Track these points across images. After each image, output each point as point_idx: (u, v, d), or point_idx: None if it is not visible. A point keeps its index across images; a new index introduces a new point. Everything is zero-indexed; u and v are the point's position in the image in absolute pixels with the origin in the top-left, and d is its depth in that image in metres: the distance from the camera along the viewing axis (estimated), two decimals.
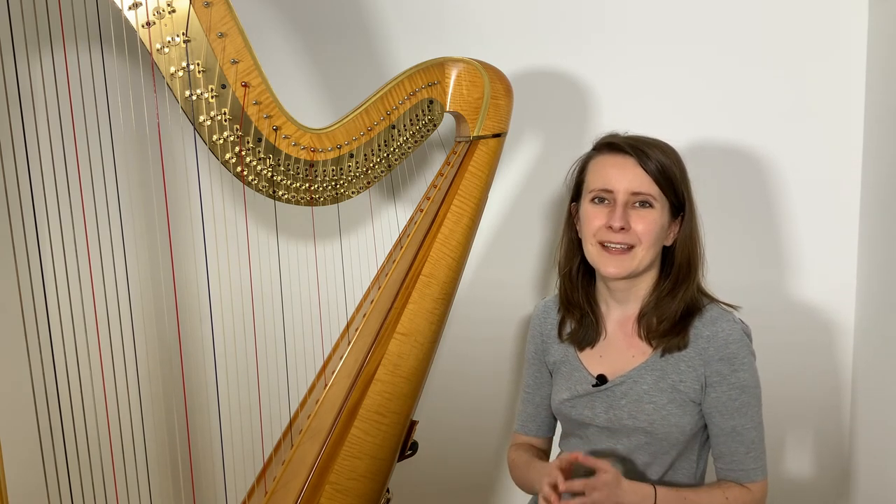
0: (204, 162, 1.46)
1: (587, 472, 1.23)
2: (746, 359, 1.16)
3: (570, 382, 1.26)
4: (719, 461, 1.18)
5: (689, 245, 1.19)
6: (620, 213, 1.15)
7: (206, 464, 1.76)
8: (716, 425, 1.16)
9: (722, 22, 1.53)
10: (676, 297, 1.18)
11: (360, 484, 1.21)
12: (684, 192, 1.19)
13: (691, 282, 1.19)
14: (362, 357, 1.25)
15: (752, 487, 1.16)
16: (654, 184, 1.16)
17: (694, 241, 1.20)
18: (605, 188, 1.17)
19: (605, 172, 1.18)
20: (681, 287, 1.19)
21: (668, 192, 1.17)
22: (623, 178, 1.16)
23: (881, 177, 1.43)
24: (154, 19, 1.04)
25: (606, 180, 1.17)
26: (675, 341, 1.17)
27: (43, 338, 1.11)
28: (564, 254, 1.29)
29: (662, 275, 1.22)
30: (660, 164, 1.15)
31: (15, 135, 1.17)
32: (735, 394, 1.15)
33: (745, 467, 1.16)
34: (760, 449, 1.17)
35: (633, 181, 1.16)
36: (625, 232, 1.15)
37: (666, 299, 1.19)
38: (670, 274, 1.20)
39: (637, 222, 1.15)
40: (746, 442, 1.15)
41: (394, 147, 1.31)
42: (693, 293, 1.19)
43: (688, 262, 1.19)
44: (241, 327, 1.57)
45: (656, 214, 1.16)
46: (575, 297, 1.27)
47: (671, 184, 1.17)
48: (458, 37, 1.64)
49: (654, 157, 1.15)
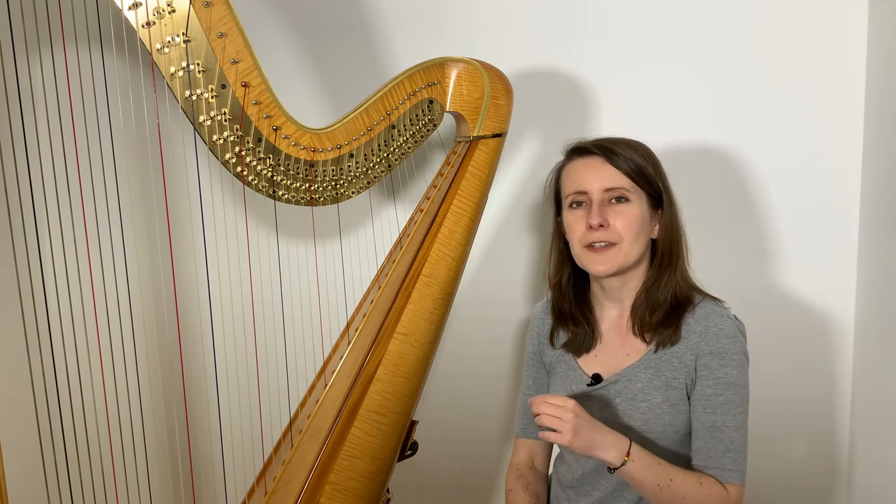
0: (204, 162, 1.46)
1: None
2: (737, 356, 1.15)
3: (565, 382, 1.27)
4: (696, 457, 1.15)
5: (670, 232, 1.21)
6: (597, 211, 1.17)
7: (206, 464, 1.76)
8: (697, 419, 1.15)
9: (722, 22, 1.53)
10: (661, 285, 1.20)
11: (360, 484, 1.21)
12: (660, 184, 1.21)
13: (675, 268, 1.21)
14: (362, 357, 1.24)
15: (729, 489, 1.13)
16: (626, 177, 1.18)
17: (675, 228, 1.22)
18: (578, 190, 1.21)
19: (577, 175, 1.21)
20: (665, 273, 1.20)
21: (643, 185, 1.19)
22: (594, 177, 1.19)
23: (881, 177, 1.43)
24: (154, 19, 1.04)
25: (579, 182, 1.21)
26: (667, 334, 1.18)
27: (43, 338, 1.11)
28: (554, 265, 1.31)
29: (652, 268, 1.23)
30: (628, 159, 1.18)
31: (15, 135, 1.17)
32: (720, 388, 1.14)
33: (721, 466, 1.13)
34: (740, 453, 1.14)
35: (604, 178, 1.18)
36: (604, 229, 1.17)
37: (653, 289, 1.20)
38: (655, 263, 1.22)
39: (615, 218, 1.18)
40: (725, 440, 1.13)
41: (394, 147, 1.31)
42: (679, 281, 1.21)
43: (670, 248, 1.21)
44: (241, 327, 1.57)
45: (634, 208, 1.18)
46: (566, 308, 1.29)
47: (644, 176, 1.19)
48: (458, 37, 1.64)
49: (621, 153, 1.18)
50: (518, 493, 1.31)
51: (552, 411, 1.09)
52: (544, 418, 1.10)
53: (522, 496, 1.30)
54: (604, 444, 1.09)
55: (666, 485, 1.10)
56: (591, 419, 1.11)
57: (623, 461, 1.09)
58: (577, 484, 1.25)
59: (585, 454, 1.10)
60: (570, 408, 1.08)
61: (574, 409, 1.09)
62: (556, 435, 1.09)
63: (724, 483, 1.13)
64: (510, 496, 1.32)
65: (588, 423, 1.09)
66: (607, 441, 1.09)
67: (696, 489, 1.11)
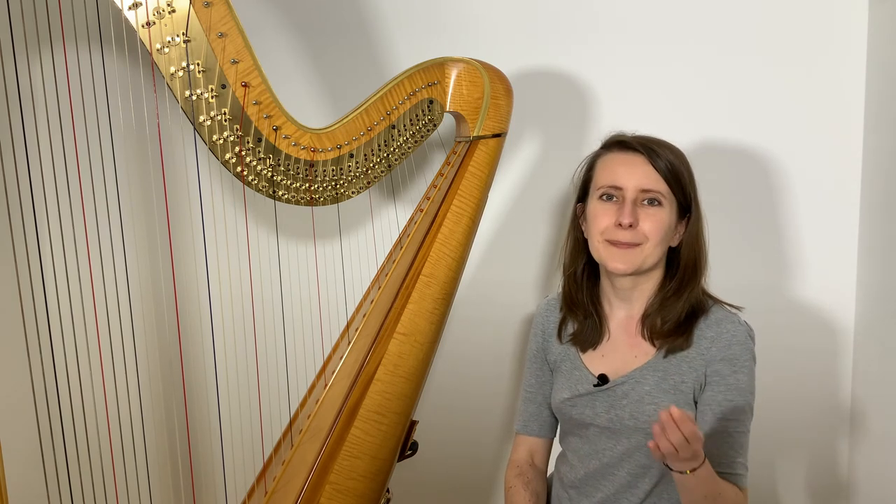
0: (204, 162, 1.46)
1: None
2: (748, 363, 1.15)
3: (570, 381, 1.26)
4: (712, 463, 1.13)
5: (695, 246, 1.20)
6: (629, 210, 1.15)
7: (206, 464, 1.76)
8: (707, 424, 1.15)
9: (722, 22, 1.53)
10: (682, 299, 1.18)
11: (360, 484, 1.21)
12: (691, 193, 1.19)
13: (696, 283, 1.19)
14: (362, 357, 1.24)
15: (742, 491, 1.14)
16: (664, 181, 1.16)
17: (700, 242, 1.20)
18: (613, 185, 1.18)
19: (615, 169, 1.18)
20: (686, 288, 1.19)
21: (677, 192, 1.17)
22: (633, 175, 1.16)
23: (881, 177, 1.43)
24: (154, 19, 1.04)
25: (615, 177, 1.18)
26: (678, 342, 1.17)
27: (43, 338, 1.11)
28: (570, 254, 1.29)
29: (667, 276, 1.22)
30: (669, 163, 1.16)
31: (15, 135, 1.17)
32: (731, 395, 1.14)
33: (735, 471, 1.13)
34: (746, 456, 1.15)
35: (643, 178, 1.16)
36: (633, 229, 1.15)
37: (671, 300, 1.19)
38: (675, 275, 1.20)
39: (645, 220, 1.16)
40: (736, 446, 1.14)
41: (394, 147, 1.31)
42: (698, 294, 1.19)
43: (694, 263, 1.19)
44: (241, 327, 1.57)
45: (664, 213, 1.16)
46: (579, 298, 1.27)
47: (679, 183, 1.17)
48: (458, 37, 1.64)
49: (663, 155, 1.16)
50: (518, 491, 1.30)
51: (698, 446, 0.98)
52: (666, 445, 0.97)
53: (522, 494, 1.30)
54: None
55: (713, 498, 1.07)
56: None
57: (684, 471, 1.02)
58: (580, 484, 1.24)
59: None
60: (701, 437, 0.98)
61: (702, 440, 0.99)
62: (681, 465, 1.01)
63: (739, 486, 1.13)
64: (510, 494, 1.31)
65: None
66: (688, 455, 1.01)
67: (734, 500, 1.10)
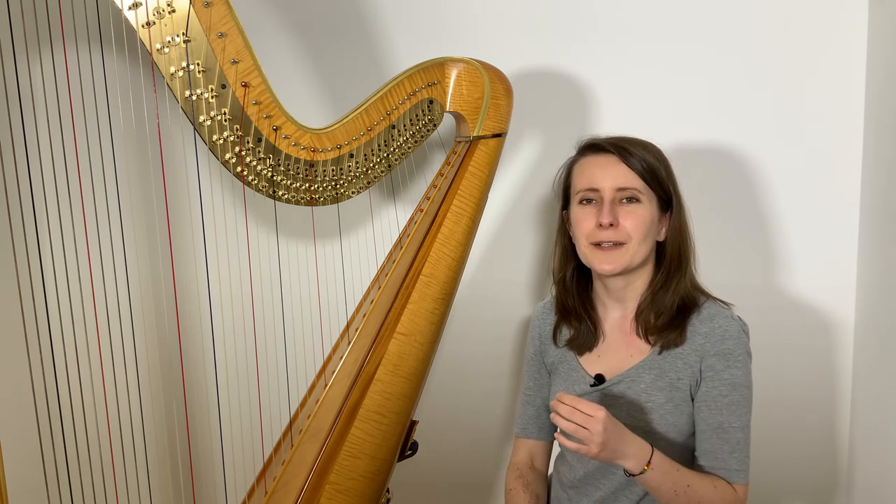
0: (204, 162, 1.46)
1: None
2: (742, 357, 1.16)
3: (568, 382, 1.26)
4: (703, 458, 1.16)
5: (679, 238, 1.21)
6: (608, 210, 1.17)
7: (206, 464, 1.76)
8: (702, 420, 1.16)
9: (722, 22, 1.53)
10: (670, 290, 1.19)
11: (360, 484, 1.21)
12: (670, 187, 1.21)
13: (683, 273, 1.21)
14: (362, 357, 1.24)
15: (737, 488, 1.14)
16: (639, 178, 1.18)
17: (683, 233, 1.22)
18: (590, 187, 1.20)
19: (590, 172, 1.21)
20: (673, 279, 1.20)
21: (655, 187, 1.19)
22: (607, 175, 1.19)
23: (881, 177, 1.43)
24: (154, 19, 1.04)
25: (591, 180, 1.20)
26: (672, 336, 1.18)
27: (43, 338, 1.11)
28: (558, 261, 1.31)
29: (657, 271, 1.23)
30: (643, 160, 1.18)
31: (15, 135, 1.17)
32: (726, 390, 1.14)
33: (729, 466, 1.14)
34: (745, 452, 1.15)
35: (618, 177, 1.18)
36: (614, 229, 1.17)
37: (660, 293, 1.20)
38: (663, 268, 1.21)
39: (625, 218, 1.17)
40: (731, 441, 1.14)
41: (394, 147, 1.31)
42: (686, 286, 1.20)
43: (678, 253, 1.21)
44: (241, 327, 1.57)
45: (644, 209, 1.18)
46: (570, 304, 1.29)
47: (656, 178, 1.19)
48: (458, 37, 1.64)
49: (636, 153, 1.18)
50: (518, 493, 1.31)
51: (581, 420, 1.04)
52: (570, 426, 1.05)
53: (522, 496, 1.30)
54: (626, 455, 1.07)
55: (683, 490, 1.09)
56: (619, 428, 1.07)
57: (643, 470, 1.07)
58: (579, 484, 1.25)
59: (605, 461, 1.08)
60: (601, 419, 1.04)
61: (605, 422, 1.04)
62: (579, 446, 1.05)
63: (732, 483, 1.13)
64: (510, 496, 1.32)
65: (615, 435, 1.05)
66: (630, 451, 1.07)
67: (711, 493, 1.11)
